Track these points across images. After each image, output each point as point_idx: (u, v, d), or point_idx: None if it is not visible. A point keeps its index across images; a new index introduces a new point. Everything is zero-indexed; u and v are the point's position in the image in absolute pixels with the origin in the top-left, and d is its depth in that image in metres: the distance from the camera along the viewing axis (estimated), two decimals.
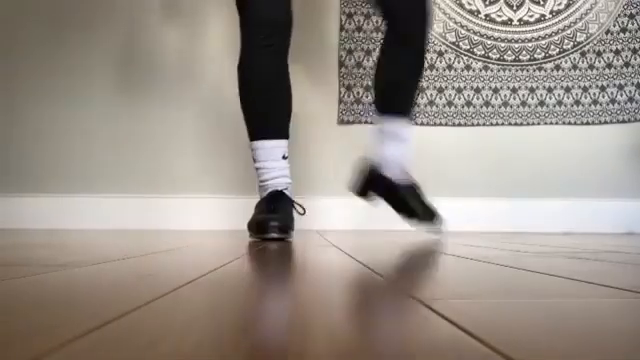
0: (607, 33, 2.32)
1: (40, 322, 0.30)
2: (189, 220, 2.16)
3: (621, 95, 2.31)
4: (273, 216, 1.32)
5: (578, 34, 2.31)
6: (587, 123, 2.31)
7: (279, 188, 1.42)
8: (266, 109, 1.44)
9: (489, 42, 2.31)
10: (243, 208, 1.88)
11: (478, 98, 2.30)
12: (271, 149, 1.42)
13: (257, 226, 1.32)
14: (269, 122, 1.44)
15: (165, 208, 2.17)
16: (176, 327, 0.29)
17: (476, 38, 2.31)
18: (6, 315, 0.32)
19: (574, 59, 2.31)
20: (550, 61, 2.32)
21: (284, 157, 1.44)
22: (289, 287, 0.47)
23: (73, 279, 0.50)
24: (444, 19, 2.31)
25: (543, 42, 2.31)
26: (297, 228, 2.12)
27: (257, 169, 1.45)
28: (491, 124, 2.30)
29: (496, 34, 2.32)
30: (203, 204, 2.18)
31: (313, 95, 2.25)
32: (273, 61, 1.43)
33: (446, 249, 0.98)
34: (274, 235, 1.29)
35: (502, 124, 2.30)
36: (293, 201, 1.45)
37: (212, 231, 1.94)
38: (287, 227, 1.33)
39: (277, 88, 1.46)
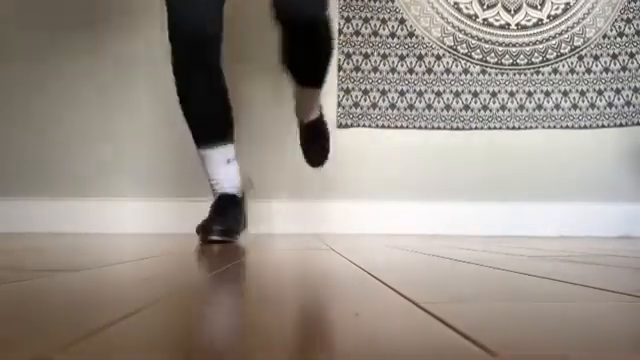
0: (604, 37, 2.32)
1: (39, 326, 0.30)
2: (181, 224, 2.15)
3: (618, 99, 2.31)
4: (218, 219, 1.36)
5: (575, 38, 2.32)
6: (584, 127, 2.31)
7: (228, 191, 1.46)
8: (201, 120, 1.48)
9: (487, 46, 2.31)
10: None
11: (476, 102, 2.30)
12: (214, 156, 1.46)
13: (202, 229, 1.34)
14: (207, 132, 1.48)
15: (157, 211, 2.17)
16: (176, 330, 0.30)
17: (474, 42, 2.32)
18: (5, 319, 0.32)
19: (571, 63, 2.32)
20: (547, 65, 2.32)
21: (229, 161, 1.47)
22: (287, 290, 0.48)
23: (72, 283, 0.50)
24: (442, 23, 2.31)
25: (540, 46, 2.32)
26: (296, 232, 2.12)
27: (205, 173, 1.51)
28: (489, 128, 2.30)
29: (494, 38, 2.32)
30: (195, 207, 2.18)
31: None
32: (201, 77, 1.42)
33: (443, 253, 0.98)
34: (216, 238, 1.31)
35: (500, 128, 2.31)
36: (243, 201, 1.53)
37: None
38: (231, 230, 1.37)
39: (210, 102, 1.46)
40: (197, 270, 0.64)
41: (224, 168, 1.47)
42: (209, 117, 1.48)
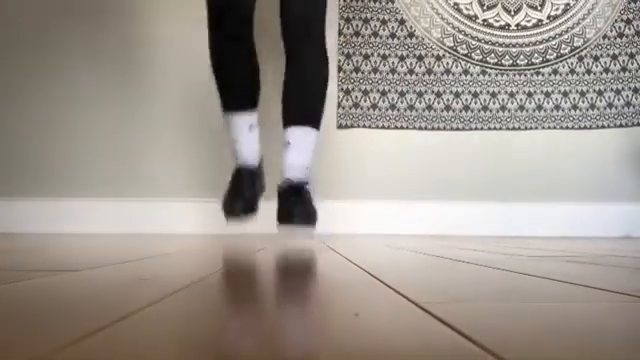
0: (604, 38, 2.32)
1: (38, 326, 0.30)
2: (179, 224, 2.15)
3: (618, 99, 2.31)
4: (239, 196, 1.52)
5: (575, 39, 2.32)
6: (584, 127, 2.31)
7: (248, 164, 1.57)
8: (230, 87, 1.58)
9: (487, 47, 2.32)
10: None
11: (476, 102, 2.30)
12: (238, 123, 1.57)
13: (225, 206, 1.52)
14: (236, 96, 1.58)
15: (152, 212, 2.17)
16: (175, 330, 0.29)
17: (474, 43, 2.32)
18: (5, 319, 0.32)
19: (571, 64, 2.32)
20: (547, 66, 2.32)
21: (251, 127, 1.58)
22: (287, 290, 0.48)
23: (71, 283, 0.50)
24: (442, 24, 2.31)
25: (540, 47, 2.32)
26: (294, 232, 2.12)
27: (229, 139, 1.61)
28: (489, 128, 2.30)
29: (494, 39, 2.32)
30: (193, 208, 2.18)
31: None
32: (232, 47, 1.54)
33: (443, 253, 0.98)
34: (238, 216, 1.50)
35: (500, 128, 2.31)
36: (261, 168, 1.62)
37: (202, 235, 1.94)
38: (251, 207, 1.53)
39: (240, 70, 1.57)
40: (197, 270, 0.64)
41: (246, 136, 1.57)
42: (239, 81, 1.58)
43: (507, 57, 2.32)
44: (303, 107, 1.60)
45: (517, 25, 2.33)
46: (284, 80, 1.60)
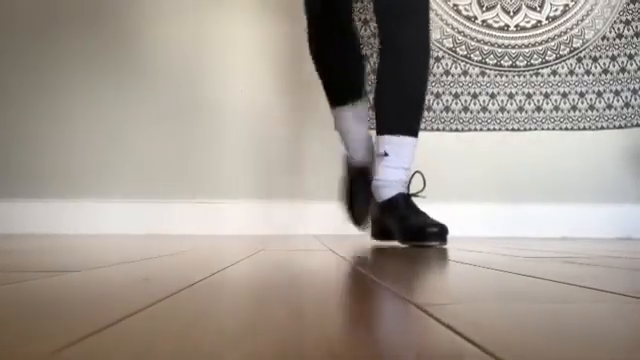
0: (603, 39, 2.33)
1: (39, 326, 0.30)
2: (178, 224, 2.15)
3: (617, 101, 2.31)
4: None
5: (574, 40, 2.33)
6: (584, 128, 2.31)
7: (358, 159, 1.57)
8: (330, 82, 1.56)
9: (486, 48, 2.32)
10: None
11: (475, 104, 2.31)
12: (342, 113, 1.53)
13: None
14: (337, 91, 1.56)
15: (153, 212, 2.17)
16: (175, 331, 0.29)
17: (473, 44, 2.32)
18: (6, 319, 0.32)
19: (570, 65, 2.32)
20: (547, 67, 2.32)
21: (359, 119, 1.54)
22: (287, 291, 0.48)
23: (72, 284, 0.50)
24: (441, 25, 2.32)
25: (540, 48, 2.32)
26: (293, 233, 2.12)
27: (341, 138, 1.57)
28: (488, 129, 2.30)
29: (493, 40, 2.32)
30: (191, 208, 2.18)
31: (312, 100, 2.25)
32: (330, 33, 1.49)
33: (443, 254, 0.98)
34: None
35: (499, 129, 2.31)
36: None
37: (202, 236, 1.94)
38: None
39: (337, 64, 1.54)
40: (198, 270, 0.64)
41: (354, 127, 1.53)
42: (338, 76, 1.55)
43: (506, 58, 2.32)
44: (405, 113, 1.39)
45: (516, 26, 2.33)
46: (379, 78, 1.42)
